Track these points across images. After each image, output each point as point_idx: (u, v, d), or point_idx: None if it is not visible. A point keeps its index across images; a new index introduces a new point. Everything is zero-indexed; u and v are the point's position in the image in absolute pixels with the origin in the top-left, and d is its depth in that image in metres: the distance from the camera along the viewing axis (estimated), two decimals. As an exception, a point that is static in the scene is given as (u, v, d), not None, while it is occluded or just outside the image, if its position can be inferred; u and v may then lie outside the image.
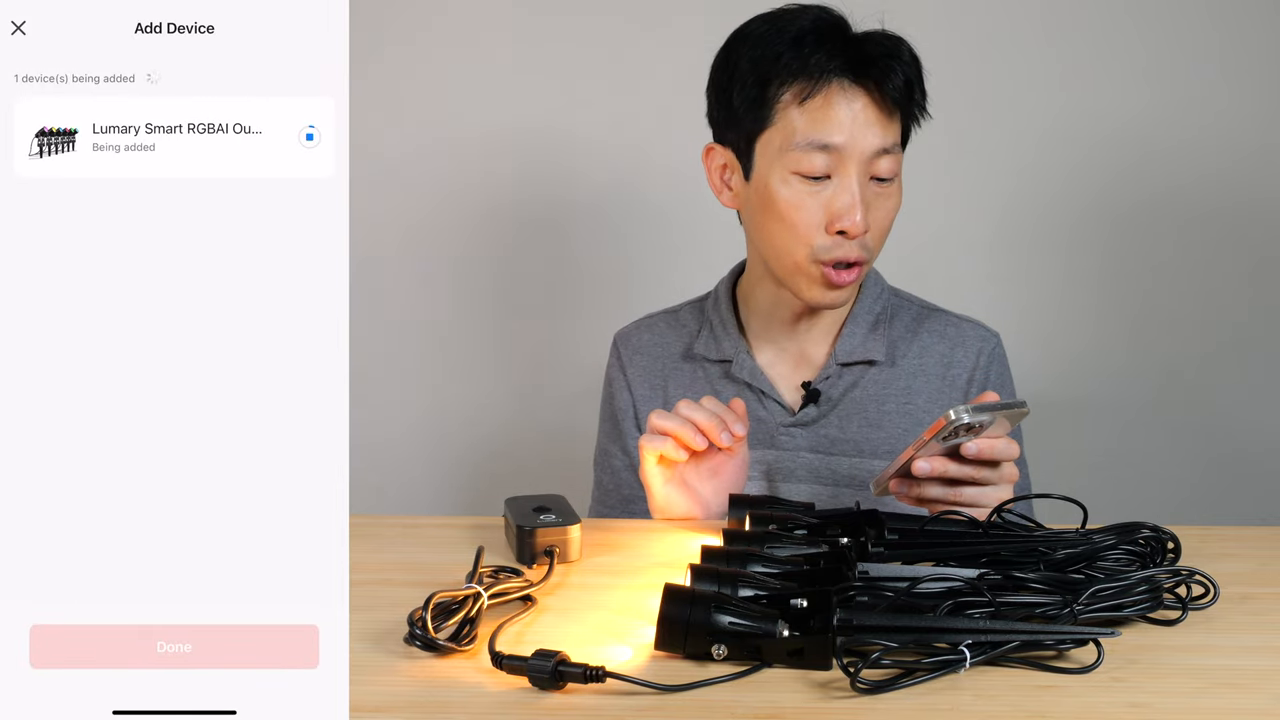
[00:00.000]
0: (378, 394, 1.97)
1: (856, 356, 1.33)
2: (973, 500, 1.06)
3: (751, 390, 1.33)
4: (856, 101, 1.21)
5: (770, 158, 1.24)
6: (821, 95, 1.21)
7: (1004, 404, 1.03)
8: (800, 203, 1.23)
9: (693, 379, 1.37)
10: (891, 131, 1.23)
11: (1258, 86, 1.91)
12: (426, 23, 1.93)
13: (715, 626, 0.80)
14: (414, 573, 0.99)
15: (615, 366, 1.42)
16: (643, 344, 1.41)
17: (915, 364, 1.34)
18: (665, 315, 1.44)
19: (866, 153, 1.22)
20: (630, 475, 1.38)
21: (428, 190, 1.96)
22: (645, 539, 1.10)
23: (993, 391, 1.16)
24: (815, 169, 1.22)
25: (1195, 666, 0.82)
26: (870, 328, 1.34)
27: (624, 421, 1.39)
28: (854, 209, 1.21)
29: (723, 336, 1.36)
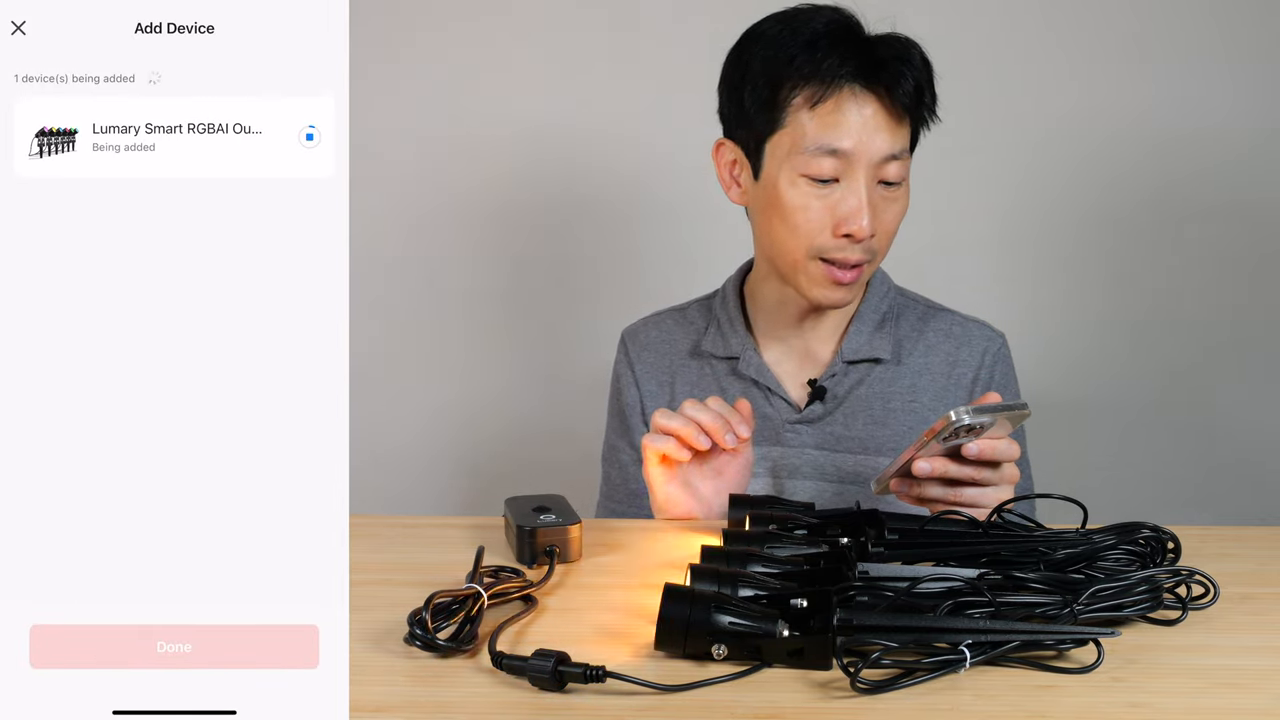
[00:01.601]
0: (378, 394, 1.97)
1: (863, 354, 1.33)
2: (973, 500, 1.07)
3: (758, 387, 1.34)
4: (867, 107, 1.22)
5: (779, 159, 1.25)
6: (833, 100, 1.21)
7: (1005, 405, 1.03)
8: (807, 205, 1.23)
9: (699, 375, 1.38)
10: (900, 136, 1.23)
11: (1261, 86, 1.90)
12: (428, 21, 1.93)
13: (715, 626, 0.80)
14: (414, 573, 0.99)
15: (623, 363, 1.42)
16: (650, 340, 1.42)
17: (921, 362, 1.34)
18: (673, 313, 1.45)
19: (875, 158, 1.22)
20: (638, 470, 1.39)
21: (428, 189, 1.96)
22: (645, 539, 1.10)
23: (995, 393, 1.16)
24: (824, 172, 1.22)
25: (1195, 666, 0.82)
26: (876, 326, 1.34)
27: (631, 417, 1.40)
28: (860, 213, 1.21)
29: (730, 333, 1.37)
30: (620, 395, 1.42)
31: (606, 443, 1.45)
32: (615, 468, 1.41)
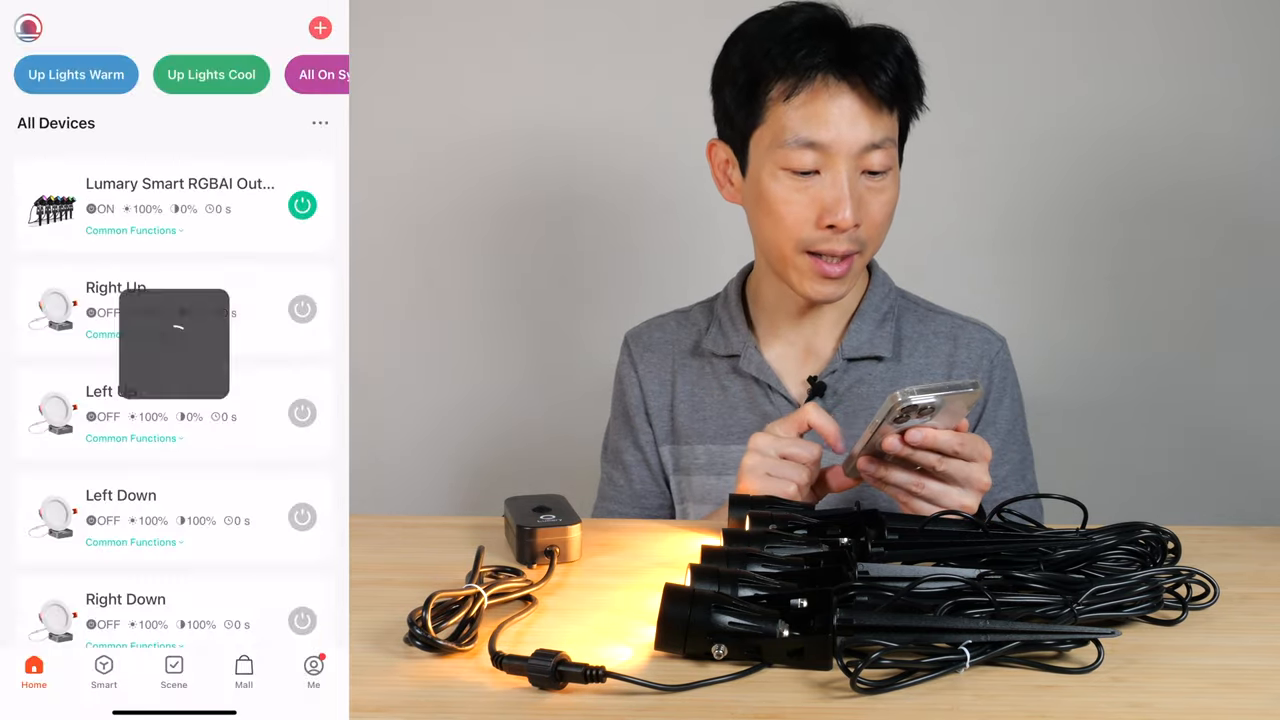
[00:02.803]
0: (378, 393, 1.97)
1: (863, 352, 1.33)
2: (933, 497, 1.06)
3: (758, 384, 1.34)
4: (843, 98, 1.22)
5: (762, 154, 1.26)
6: (807, 92, 1.22)
7: (951, 385, 1.01)
8: (790, 198, 1.24)
9: (699, 374, 1.38)
10: (882, 126, 1.24)
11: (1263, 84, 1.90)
12: (429, 22, 1.93)
13: (715, 626, 0.80)
14: (414, 573, 0.99)
15: (627, 364, 1.43)
16: (653, 341, 1.42)
17: (921, 362, 1.34)
18: (676, 315, 1.45)
19: (855, 148, 1.22)
20: (643, 471, 1.39)
21: (428, 190, 1.96)
22: (645, 539, 1.10)
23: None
24: (804, 165, 1.23)
25: (1195, 666, 0.82)
26: (878, 324, 1.35)
27: (635, 417, 1.40)
28: (842, 204, 1.22)
29: (731, 332, 1.37)
30: (624, 396, 1.42)
31: (610, 444, 1.45)
32: (618, 469, 1.41)
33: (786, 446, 1.13)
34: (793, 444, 1.13)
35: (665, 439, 1.38)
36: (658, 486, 1.39)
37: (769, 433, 1.14)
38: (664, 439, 1.38)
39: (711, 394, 1.36)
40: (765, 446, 1.13)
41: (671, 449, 1.37)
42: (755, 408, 1.33)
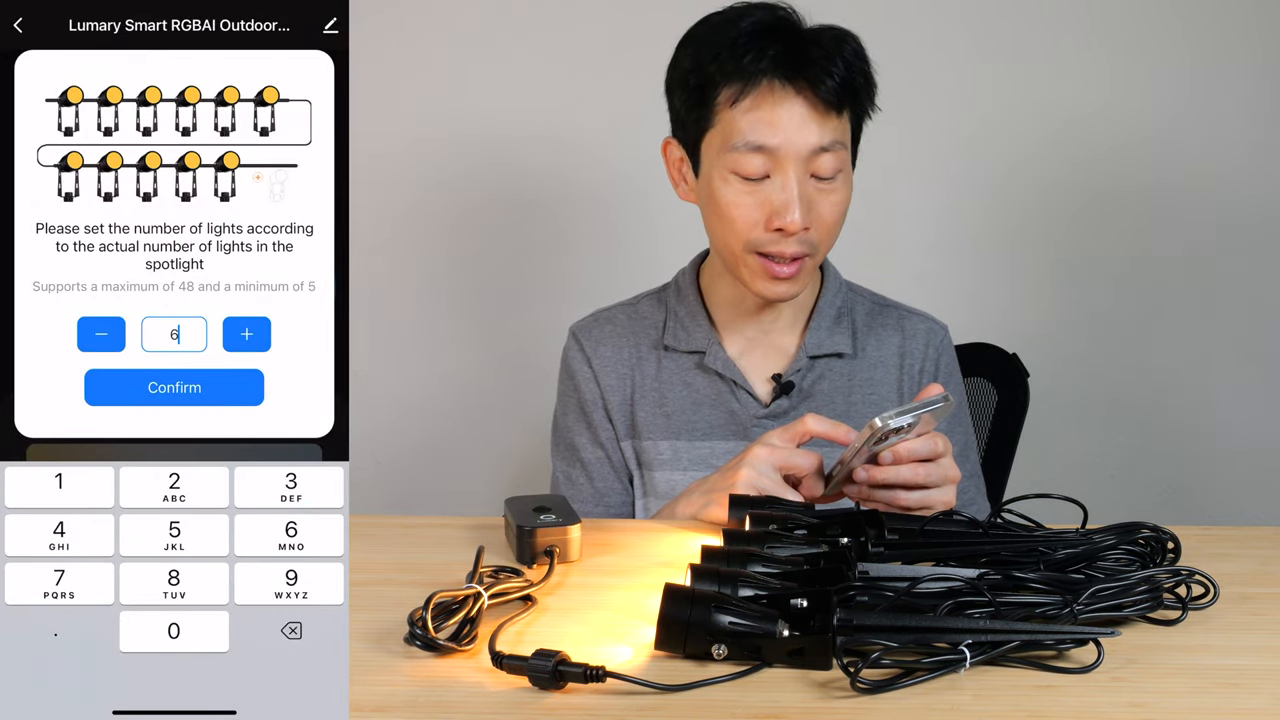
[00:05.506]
0: (378, 393, 1.97)
1: (825, 349, 1.34)
2: (921, 503, 1.09)
3: (724, 381, 1.34)
4: (790, 102, 1.22)
5: (712, 157, 1.27)
6: (752, 97, 1.23)
7: (925, 403, 1.04)
8: (739, 201, 1.25)
9: (660, 369, 1.37)
10: (830, 129, 1.24)
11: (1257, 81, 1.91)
12: (426, 21, 1.93)
13: (715, 626, 0.80)
14: (414, 573, 0.99)
15: (579, 359, 1.40)
16: (604, 335, 1.40)
17: (875, 356, 1.37)
18: (622, 307, 1.43)
19: (804, 151, 1.23)
20: (604, 468, 1.38)
21: (429, 190, 1.96)
22: (645, 539, 1.10)
23: (938, 384, 1.16)
24: (753, 170, 1.24)
25: (1195, 666, 0.82)
26: (835, 320, 1.36)
27: (594, 413, 1.38)
28: (790, 207, 1.22)
29: (692, 327, 1.37)
30: (578, 391, 1.39)
31: (563, 441, 1.41)
32: (577, 467, 1.39)
33: (785, 458, 1.12)
34: (792, 454, 1.13)
35: (626, 434, 1.37)
36: (620, 484, 1.38)
37: (766, 444, 1.13)
38: (624, 434, 1.37)
39: (675, 389, 1.35)
40: (762, 462, 1.12)
41: (633, 444, 1.36)
42: (721, 404, 1.33)
